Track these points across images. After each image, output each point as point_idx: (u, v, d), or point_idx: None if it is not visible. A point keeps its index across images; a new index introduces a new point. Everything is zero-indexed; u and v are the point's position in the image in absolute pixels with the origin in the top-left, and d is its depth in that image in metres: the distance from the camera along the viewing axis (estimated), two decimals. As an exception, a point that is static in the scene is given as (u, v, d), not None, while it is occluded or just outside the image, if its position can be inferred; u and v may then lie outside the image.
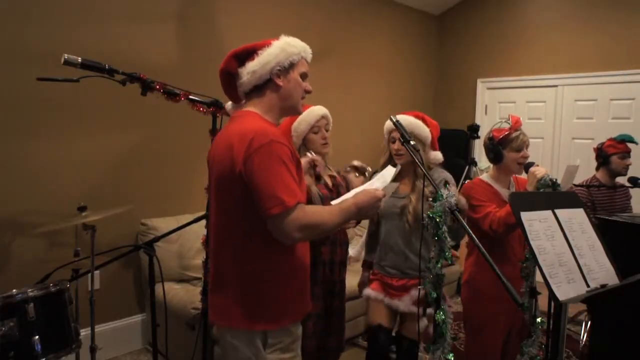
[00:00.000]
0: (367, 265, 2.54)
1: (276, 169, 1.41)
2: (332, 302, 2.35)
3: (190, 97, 2.17)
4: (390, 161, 2.35)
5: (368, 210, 1.55)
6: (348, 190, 2.32)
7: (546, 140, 5.23)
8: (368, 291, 2.42)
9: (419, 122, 2.27)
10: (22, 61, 2.77)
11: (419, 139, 2.25)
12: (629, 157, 3.30)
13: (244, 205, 1.47)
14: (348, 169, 2.38)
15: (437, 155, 2.35)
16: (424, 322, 2.20)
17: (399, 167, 1.81)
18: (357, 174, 2.37)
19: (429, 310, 2.23)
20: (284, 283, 1.54)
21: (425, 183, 2.14)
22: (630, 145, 3.30)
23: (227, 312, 1.55)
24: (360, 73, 5.01)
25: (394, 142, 2.30)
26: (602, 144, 3.36)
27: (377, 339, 2.33)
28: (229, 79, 1.62)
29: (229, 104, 1.75)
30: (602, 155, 3.33)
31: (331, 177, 2.41)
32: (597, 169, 3.38)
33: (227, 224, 1.55)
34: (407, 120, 2.26)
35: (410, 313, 2.26)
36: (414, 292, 2.23)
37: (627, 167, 3.31)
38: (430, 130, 2.33)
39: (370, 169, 2.39)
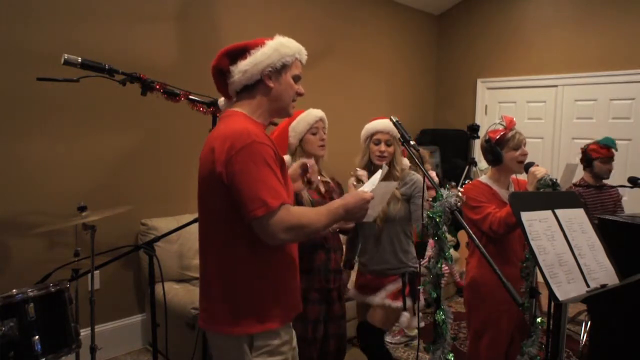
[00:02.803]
0: (347, 265, 2.61)
1: (259, 170, 1.39)
2: (330, 309, 2.32)
3: (190, 97, 2.16)
4: (369, 163, 2.42)
5: (356, 212, 1.54)
6: (341, 195, 2.36)
7: (546, 140, 5.23)
8: (351, 292, 2.55)
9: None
10: (22, 61, 2.77)
11: (397, 140, 2.34)
12: (612, 161, 3.29)
13: (225, 208, 1.44)
14: (353, 177, 2.41)
15: (405, 161, 2.45)
16: (405, 315, 2.31)
17: (386, 168, 1.83)
18: (355, 183, 2.42)
19: (410, 303, 2.32)
20: (268, 286, 1.51)
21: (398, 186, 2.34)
22: (624, 144, 3.28)
23: (212, 316, 1.53)
24: (360, 73, 5.00)
25: (377, 144, 2.35)
26: (587, 146, 3.36)
27: (361, 337, 2.52)
28: (221, 75, 1.58)
29: (221, 100, 1.74)
30: (586, 159, 3.34)
31: (324, 182, 2.39)
32: (584, 169, 3.39)
33: (210, 226, 1.53)
34: (389, 123, 2.28)
35: (379, 305, 2.38)
36: (389, 287, 2.37)
37: (609, 172, 3.30)
38: None
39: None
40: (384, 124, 2.35)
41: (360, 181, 2.34)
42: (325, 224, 1.50)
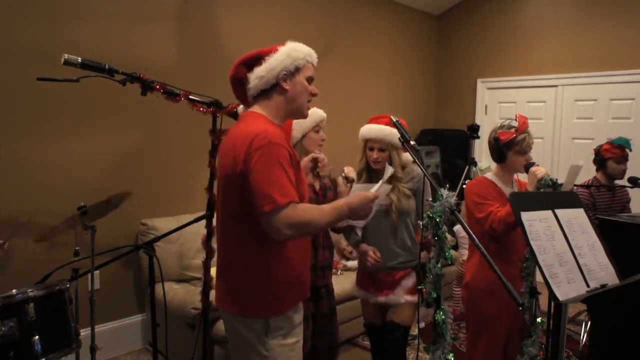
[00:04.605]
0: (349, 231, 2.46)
1: (272, 169, 1.48)
2: (318, 306, 2.34)
3: (190, 97, 2.16)
4: (367, 168, 2.41)
5: (360, 211, 1.64)
6: (336, 192, 2.40)
7: (546, 140, 5.23)
8: (357, 291, 2.52)
9: (393, 130, 2.22)
10: (22, 61, 2.77)
11: (392, 144, 2.30)
12: (626, 161, 3.26)
13: (245, 205, 1.53)
14: (342, 175, 2.43)
15: (408, 156, 2.40)
16: (422, 309, 2.29)
17: (391, 169, 1.86)
18: (346, 182, 2.42)
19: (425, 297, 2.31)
20: (282, 276, 1.62)
21: (403, 181, 2.35)
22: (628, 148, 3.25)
23: (231, 300, 1.65)
24: (360, 73, 5.01)
25: (371, 150, 2.35)
26: (601, 146, 3.32)
27: (372, 337, 2.52)
28: (239, 84, 1.69)
29: (240, 107, 1.84)
30: (599, 159, 3.31)
31: (319, 180, 2.41)
32: (597, 170, 3.37)
33: (231, 221, 1.64)
34: (381, 129, 2.30)
35: (401, 303, 2.36)
36: (404, 282, 2.37)
37: (623, 172, 3.26)
38: None
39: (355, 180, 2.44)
40: (375, 131, 2.31)
41: (349, 182, 2.37)
42: (329, 221, 1.60)
